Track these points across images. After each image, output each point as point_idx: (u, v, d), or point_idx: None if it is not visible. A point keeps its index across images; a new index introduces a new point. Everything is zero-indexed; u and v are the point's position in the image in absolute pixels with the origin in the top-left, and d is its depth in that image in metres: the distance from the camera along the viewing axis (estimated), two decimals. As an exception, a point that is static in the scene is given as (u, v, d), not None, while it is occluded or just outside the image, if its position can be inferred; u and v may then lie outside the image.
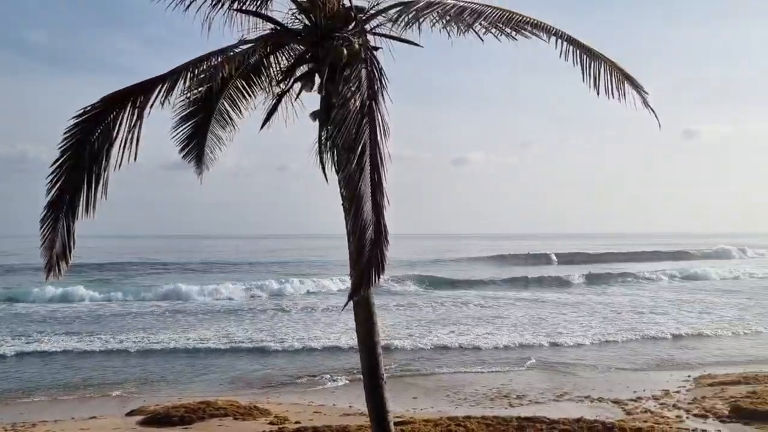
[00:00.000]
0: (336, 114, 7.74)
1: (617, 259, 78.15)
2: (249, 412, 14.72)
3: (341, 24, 8.20)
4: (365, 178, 7.61)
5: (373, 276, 7.62)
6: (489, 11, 7.87)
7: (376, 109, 7.80)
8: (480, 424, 13.44)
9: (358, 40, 8.04)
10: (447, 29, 7.89)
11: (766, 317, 31.17)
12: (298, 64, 8.61)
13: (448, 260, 77.33)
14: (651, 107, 8.29)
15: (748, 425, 13.71)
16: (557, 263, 73.18)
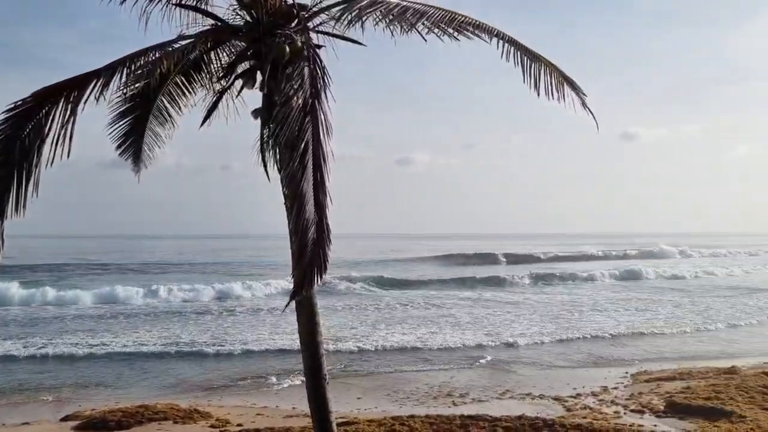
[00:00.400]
0: (278, 112, 7.63)
1: (559, 258, 79.79)
2: (189, 415, 14.46)
3: (283, 21, 8.08)
4: (308, 176, 7.54)
5: (316, 276, 7.55)
6: (431, 11, 7.88)
7: (318, 108, 7.72)
8: (424, 423, 13.52)
9: (301, 37, 7.95)
10: (390, 28, 7.89)
11: (699, 315, 32.24)
12: (239, 60, 8.46)
13: (393, 260, 77.53)
14: (589, 109, 8.45)
15: (683, 420, 14.14)
16: (500, 263, 74.05)
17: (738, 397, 15.40)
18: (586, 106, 8.45)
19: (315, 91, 7.74)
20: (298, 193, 7.54)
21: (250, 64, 8.42)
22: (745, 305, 36.06)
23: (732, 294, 42.25)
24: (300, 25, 8.14)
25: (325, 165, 7.68)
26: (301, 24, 8.16)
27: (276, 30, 7.95)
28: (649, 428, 13.38)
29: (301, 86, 7.70)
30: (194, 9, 8.29)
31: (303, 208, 7.50)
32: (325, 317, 29.62)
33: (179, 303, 36.98)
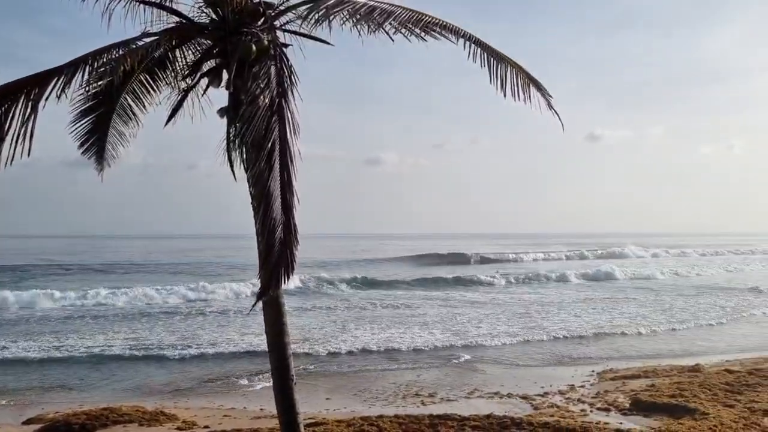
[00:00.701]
0: (244, 111, 7.59)
1: (527, 258, 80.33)
2: (155, 417, 14.26)
3: (250, 19, 8.02)
4: (275, 176, 7.50)
5: (283, 276, 7.52)
6: (399, 11, 7.89)
7: (285, 107, 7.69)
8: (393, 423, 13.51)
9: (267, 36, 7.90)
10: (358, 28, 7.87)
11: (664, 314, 32.75)
12: (204, 58, 8.38)
13: (363, 260, 77.50)
14: (555, 110, 8.52)
15: (648, 417, 14.33)
16: (468, 263, 74.37)
17: (701, 394, 15.65)
18: (551, 107, 8.53)
19: (282, 90, 7.71)
20: (264, 193, 7.50)
21: (215, 63, 8.35)
22: (708, 304, 36.68)
23: (695, 293, 42.98)
24: (266, 24, 8.09)
25: (293, 164, 7.65)
26: (268, 22, 8.11)
27: (242, 28, 7.90)
28: (614, 426, 13.51)
29: (267, 85, 7.67)
30: (158, 6, 8.19)
31: (270, 208, 7.46)
32: (294, 317, 29.61)
33: (145, 304, 36.29)
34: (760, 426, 13.03)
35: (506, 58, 8.40)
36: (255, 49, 7.72)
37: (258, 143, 7.52)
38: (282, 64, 7.90)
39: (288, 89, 7.81)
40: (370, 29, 7.88)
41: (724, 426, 12.94)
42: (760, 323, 30.18)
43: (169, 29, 8.20)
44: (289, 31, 8.32)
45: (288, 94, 7.79)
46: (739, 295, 41.33)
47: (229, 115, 8.18)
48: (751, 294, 42.31)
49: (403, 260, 77.26)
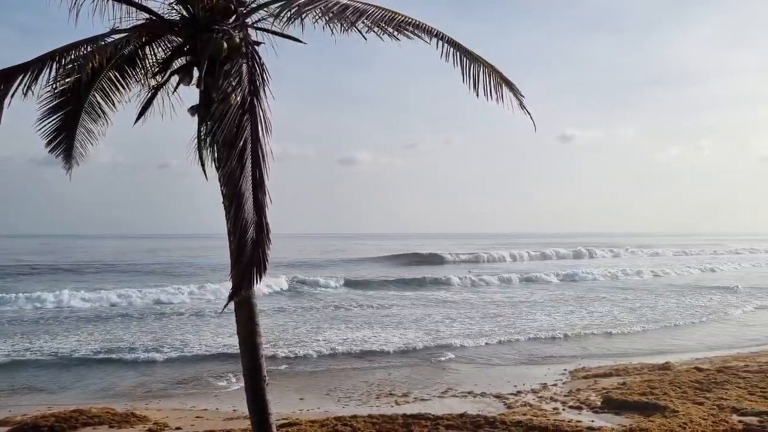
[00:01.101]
0: (216, 109, 7.53)
1: (500, 258, 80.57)
2: (126, 419, 14.09)
3: (221, 17, 7.94)
4: (246, 175, 7.46)
5: (255, 276, 7.49)
6: (371, 10, 7.86)
7: (257, 105, 7.65)
8: (366, 423, 13.50)
9: (239, 34, 7.84)
10: (330, 27, 7.83)
11: (634, 312, 33.15)
12: (175, 56, 8.28)
13: (337, 260, 77.33)
14: (527, 110, 8.57)
15: (619, 415, 14.46)
16: (442, 263, 74.49)
17: (671, 392, 15.85)
18: (523, 107, 8.57)
19: (254, 89, 7.66)
20: (236, 192, 7.46)
21: (186, 60, 8.26)
22: (677, 304, 37.24)
23: (666, 292, 43.59)
24: (238, 21, 8.03)
25: (265, 164, 7.61)
26: (239, 20, 8.05)
27: (213, 25, 7.82)
28: (586, 424, 13.62)
29: (239, 83, 7.61)
30: (128, 2, 8.07)
31: (242, 208, 7.42)
32: (268, 317, 29.45)
33: (117, 305, 35.72)
34: (729, 423, 13.21)
35: (479, 58, 8.41)
36: (226, 46, 7.66)
37: (229, 142, 7.47)
38: (254, 62, 7.85)
39: (260, 87, 7.77)
40: (343, 28, 7.85)
41: (694, 423, 13.10)
42: (730, 322, 30.64)
43: (138, 26, 8.09)
44: (261, 29, 8.26)
45: (260, 92, 7.75)
46: (708, 294, 42.00)
47: (200, 113, 8.10)
48: (720, 293, 43.00)
49: (376, 260, 77.13)
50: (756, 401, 14.90)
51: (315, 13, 7.68)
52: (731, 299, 39.33)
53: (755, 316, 32.73)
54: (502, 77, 8.46)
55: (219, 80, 7.63)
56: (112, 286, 40.84)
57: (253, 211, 7.45)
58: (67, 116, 8.53)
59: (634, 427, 13.10)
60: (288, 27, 8.02)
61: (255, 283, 7.62)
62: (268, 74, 7.93)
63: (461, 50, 8.34)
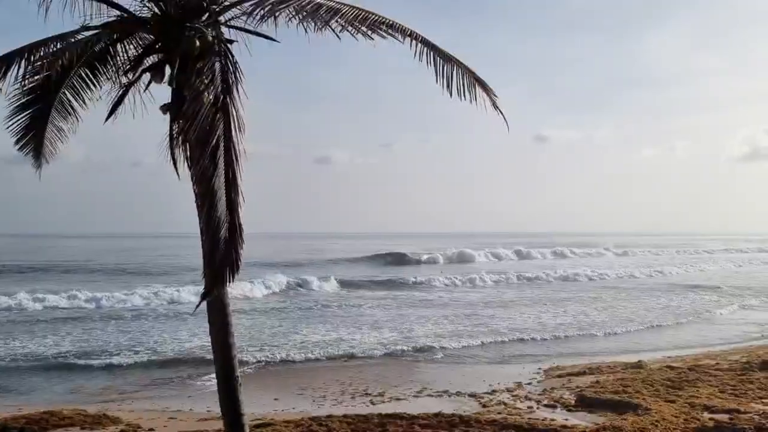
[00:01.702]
0: (188, 107, 7.46)
1: (475, 258, 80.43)
2: (98, 420, 13.93)
3: (193, 14, 7.87)
4: (219, 174, 7.41)
5: (227, 276, 7.45)
6: (345, 9, 7.84)
7: (230, 104, 7.60)
8: (342, 423, 13.49)
9: (212, 31, 7.77)
10: (304, 25, 7.80)
11: (605, 311, 33.50)
12: (147, 53, 8.19)
13: (314, 260, 76.87)
14: (500, 110, 8.59)
15: (592, 413, 14.59)
16: (417, 263, 74.28)
17: (644, 390, 16.02)
18: (497, 107, 8.59)
19: (227, 87, 7.62)
20: (209, 192, 7.41)
21: (158, 58, 8.17)
22: (649, 303, 37.72)
23: (639, 292, 44.15)
24: (211, 19, 7.96)
25: (238, 162, 7.57)
26: (212, 18, 7.98)
27: (185, 23, 7.74)
28: (560, 422, 13.72)
29: (212, 81, 7.56)
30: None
31: (214, 207, 7.37)
32: (243, 318, 29.26)
33: (89, 306, 34.94)
34: (700, 420, 13.39)
35: (452, 58, 8.43)
36: (199, 44, 7.59)
37: (202, 141, 7.41)
38: (227, 61, 7.80)
39: (233, 86, 7.72)
40: (316, 26, 7.81)
41: (666, 421, 13.24)
42: (710, 321, 31.04)
43: (109, 23, 8.00)
44: (235, 27, 8.19)
45: (233, 90, 7.70)
46: (681, 293, 42.58)
47: (172, 111, 8.02)
48: (692, 292, 43.60)
49: (352, 260, 76.60)
50: (726, 399, 15.13)
51: (288, 11, 7.64)
52: (712, 299, 39.92)
53: (739, 315, 33.17)
54: (475, 77, 8.48)
55: (191, 78, 7.56)
56: (84, 287, 40.14)
57: (226, 210, 7.40)
58: (36, 114, 8.39)
59: (607, 425, 13.20)
60: (261, 25, 7.97)
61: (228, 283, 7.58)
62: (241, 72, 7.89)
63: (435, 50, 8.35)
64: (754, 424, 12.97)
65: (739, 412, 13.92)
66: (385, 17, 8.05)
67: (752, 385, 16.45)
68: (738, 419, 13.36)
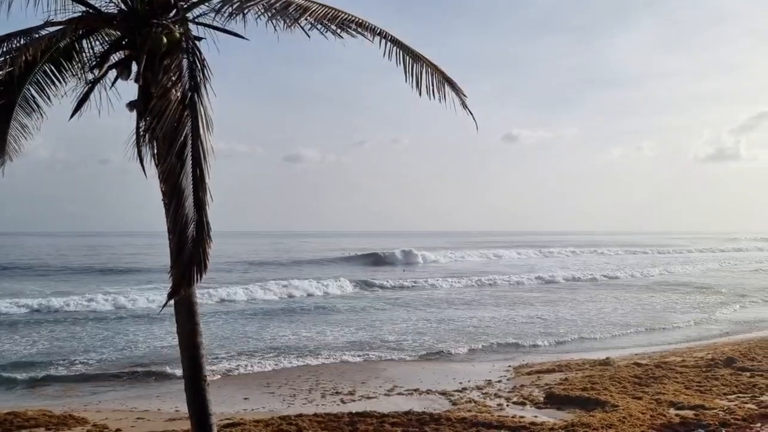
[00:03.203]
0: (155, 105, 7.38)
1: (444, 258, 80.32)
2: (63, 421, 13.74)
3: (160, 10, 7.77)
4: (187, 172, 7.35)
5: (195, 274, 7.38)
6: (314, 7, 7.81)
7: (198, 101, 7.53)
8: (312, 422, 13.47)
9: (179, 28, 7.69)
10: (273, 23, 7.74)
11: (574, 309, 34.00)
12: (113, 50, 8.06)
13: (284, 260, 76.31)
14: (469, 109, 8.62)
15: (561, 410, 14.75)
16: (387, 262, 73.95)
17: (611, 387, 16.23)
18: (465, 106, 8.62)
19: (194, 84, 7.55)
20: (176, 190, 7.36)
21: (124, 54, 8.05)
22: (617, 300, 38.35)
23: (608, 290, 44.74)
24: (178, 16, 7.87)
25: (205, 161, 7.50)
26: (180, 14, 7.89)
27: (152, 19, 7.65)
28: (529, 419, 13.83)
29: (179, 79, 7.49)
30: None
31: (182, 205, 7.32)
32: (212, 317, 29.05)
33: (56, 306, 33.85)
34: (666, 416, 13.60)
35: (422, 57, 8.44)
36: (166, 41, 7.50)
37: (169, 138, 7.34)
38: (195, 58, 7.72)
39: (201, 83, 7.65)
40: (286, 24, 7.76)
41: (633, 417, 13.43)
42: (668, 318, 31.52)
43: (75, 18, 7.85)
44: (203, 24, 8.10)
45: (201, 88, 7.63)
46: (639, 292, 43.19)
47: (138, 108, 7.91)
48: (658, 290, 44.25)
49: (321, 260, 75.86)
50: (692, 395, 15.38)
51: (257, 8, 7.59)
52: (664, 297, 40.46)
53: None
54: (444, 76, 8.51)
55: (158, 75, 7.48)
56: (51, 287, 39.51)
57: (194, 209, 7.34)
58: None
59: (575, 422, 13.36)
60: (230, 23, 7.91)
61: (195, 282, 7.52)
62: (209, 70, 7.82)
63: (404, 49, 8.36)
64: (718, 420, 13.20)
65: (704, 408, 14.16)
66: (354, 16, 8.04)
67: (717, 381, 16.76)
68: (703, 415, 13.59)
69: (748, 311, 33.94)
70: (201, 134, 7.47)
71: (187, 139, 7.33)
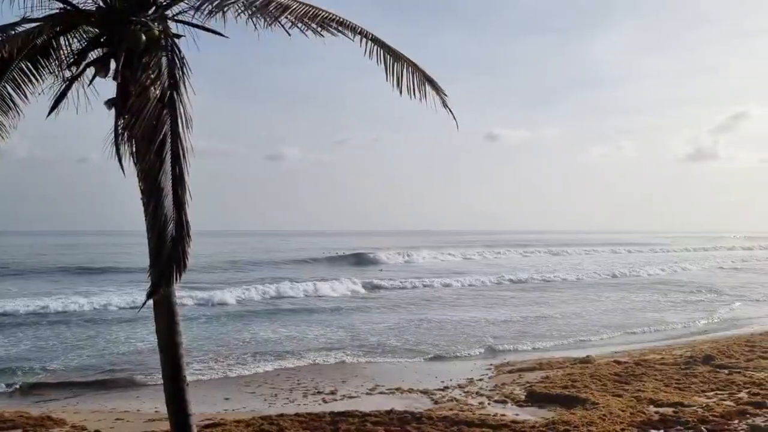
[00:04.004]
0: (133, 103, 7.32)
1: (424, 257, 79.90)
2: (41, 423, 13.59)
3: (139, 8, 7.70)
4: (166, 171, 7.29)
5: (174, 274, 7.32)
6: (295, 6, 7.78)
7: (177, 99, 7.47)
8: (293, 422, 13.44)
9: (158, 26, 7.61)
10: (253, 21, 7.71)
11: (554, 307, 34.24)
12: (91, 47, 7.97)
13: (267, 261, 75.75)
14: (449, 109, 8.63)
15: (542, 408, 14.84)
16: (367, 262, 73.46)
17: (592, 385, 16.34)
18: (446, 105, 8.63)
19: (173, 82, 7.49)
20: (155, 189, 7.30)
21: (103, 52, 7.97)
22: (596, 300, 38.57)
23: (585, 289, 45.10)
24: (157, 13, 7.80)
25: (185, 159, 7.45)
26: (159, 12, 7.82)
27: (131, 17, 7.57)
28: (511, 417, 13.89)
29: (158, 77, 7.43)
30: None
31: (161, 204, 7.27)
32: (191, 318, 28.83)
33: (33, 307, 33.09)
34: (646, 414, 13.71)
35: (402, 56, 8.43)
36: (144, 38, 7.43)
37: (148, 137, 7.28)
38: (174, 55, 7.65)
39: (180, 81, 7.58)
40: (266, 22, 7.73)
41: (613, 415, 13.53)
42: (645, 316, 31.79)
43: (52, 15, 7.77)
44: (182, 22, 8.03)
45: (180, 86, 7.57)
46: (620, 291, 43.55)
47: (116, 106, 7.84)
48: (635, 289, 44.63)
49: (300, 262, 74.91)
50: (671, 393, 15.52)
51: (237, 6, 7.55)
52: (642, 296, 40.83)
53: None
54: (425, 76, 8.51)
55: (137, 73, 7.42)
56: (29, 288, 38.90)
57: (173, 207, 7.28)
58: (-27, 108, 8.12)
59: (556, 419, 13.43)
60: (210, 20, 7.85)
61: (175, 282, 7.46)
62: (188, 68, 7.76)
63: (385, 48, 8.35)
64: (697, 417, 13.33)
65: (683, 405, 14.31)
66: (335, 14, 8.02)
67: (696, 378, 16.92)
68: (682, 412, 13.71)
69: (726, 309, 34.24)
70: (180, 132, 7.41)
71: (166, 138, 7.27)
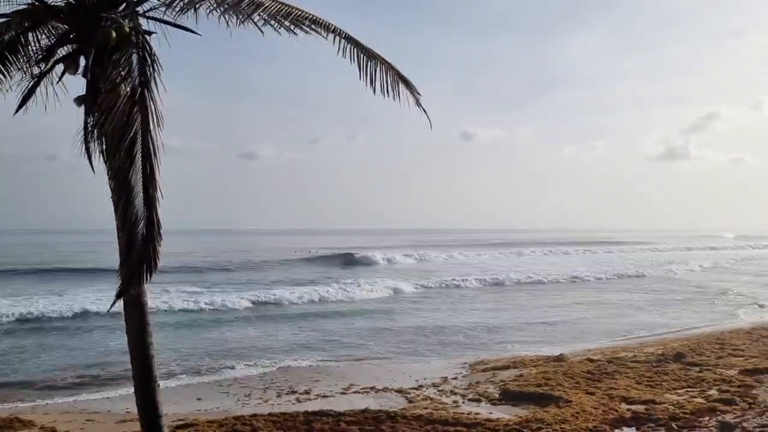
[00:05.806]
0: (103, 100, 7.23)
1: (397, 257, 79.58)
2: (9, 424, 13.39)
3: (109, 4, 7.62)
4: (136, 169, 7.22)
5: (145, 273, 7.26)
6: (267, 3, 7.73)
7: (148, 97, 7.40)
8: (267, 422, 13.38)
9: (129, 22, 7.52)
10: (226, 18, 7.66)
11: (527, 307, 34.65)
12: (60, 44, 7.85)
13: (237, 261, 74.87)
14: (423, 108, 8.67)
15: (516, 406, 14.90)
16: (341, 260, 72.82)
17: (565, 383, 16.45)
18: (419, 104, 8.66)
19: (144, 80, 7.41)
20: (125, 187, 7.23)
21: (72, 48, 7.86)
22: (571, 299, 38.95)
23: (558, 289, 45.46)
24: (128, 10, 7.71)
25: (156, 157, 7.38)
26: (130, 8, 7.73)
27: (101, 13, 7.47)
28: (485, 415, 13.94)
29: (129, 74, 7.35)
30: (8, -15, 7.61)
31: (131, 203, 7.20)
32: (165, 317, 28.58)
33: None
34: (618, 411, 13.85)
35: (376, 55, 8.43)
36: (115, 35, 7.33)
37: (118, 134, 7.19)
38: (145, 53, 7.57)
39: (151, 78, 7.51)
40: (239, 20, 7.68)
41: (586, 412, 13.64)
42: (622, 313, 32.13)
43: (20, 11, 7.65)
44: (153, 19, 7.94)
45: (151, 83, 7.49)
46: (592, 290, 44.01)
47: (86, 104, 7.74)
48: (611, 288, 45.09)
49: (278, 261, 74.24)
50: (643, 390, 15.69)
51: (209, 3, 7.50)
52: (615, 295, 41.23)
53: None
54: (399, 75, 8.52)
55: (107, 70, 7.32)
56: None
57: (144, 206, 7.22)
58: (-61, 104, 7.98)
59: (530, 417, 13.51)
60: (182, 17, 7.78)
61: (145, 281, 7.39)
62: (160, 65, 7.67)
63: (358, 47, 8.34)
64: (668, 414, 13.49)
65: (654, 402, 14.46)
66: (308, 12, 7.99)
67: (667, 376, 17.11)
68: (654, 410, 13.87)
69: (698, 308, 34.66)
70: (151, 130, 7.34)
71: (136, 135, 7.20)
